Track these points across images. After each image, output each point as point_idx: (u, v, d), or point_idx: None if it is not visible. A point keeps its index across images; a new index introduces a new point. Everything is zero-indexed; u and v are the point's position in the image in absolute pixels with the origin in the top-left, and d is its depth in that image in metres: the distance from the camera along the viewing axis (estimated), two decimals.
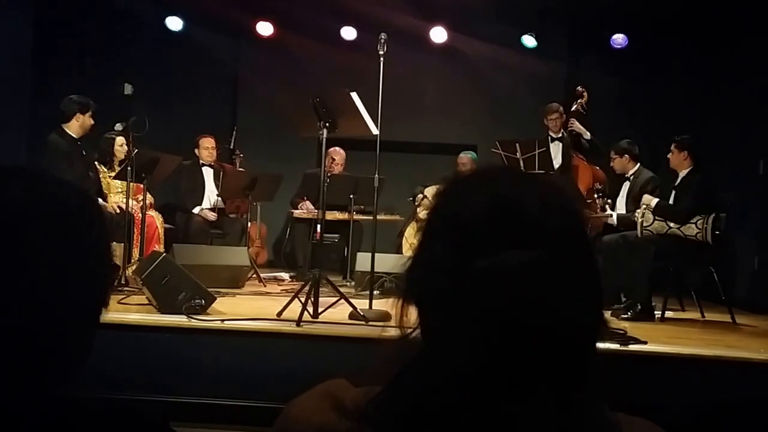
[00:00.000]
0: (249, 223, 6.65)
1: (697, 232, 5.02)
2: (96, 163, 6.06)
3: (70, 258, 0.83)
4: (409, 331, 0.79)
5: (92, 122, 5.72)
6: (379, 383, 0.78)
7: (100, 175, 6.02)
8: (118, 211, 5.71)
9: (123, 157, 5.95)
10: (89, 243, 0.86)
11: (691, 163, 5.25)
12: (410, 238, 7.37)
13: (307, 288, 4.16)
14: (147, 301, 4.34)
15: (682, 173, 5.29)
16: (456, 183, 0.83)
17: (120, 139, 5.97)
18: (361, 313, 4.10)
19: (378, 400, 0.77)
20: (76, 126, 5.65)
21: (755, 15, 6.42)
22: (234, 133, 7.50)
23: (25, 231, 0.81)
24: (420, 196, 7.08)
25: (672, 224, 5.10)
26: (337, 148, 6.82)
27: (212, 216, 6.56)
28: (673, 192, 5.29)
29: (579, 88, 6.40)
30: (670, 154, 5.31)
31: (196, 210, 6.58)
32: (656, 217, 5.15)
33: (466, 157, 7.06)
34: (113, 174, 5.94)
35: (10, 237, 0.80)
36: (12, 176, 0.84)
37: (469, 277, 0.74)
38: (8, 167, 0.85)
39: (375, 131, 4.36)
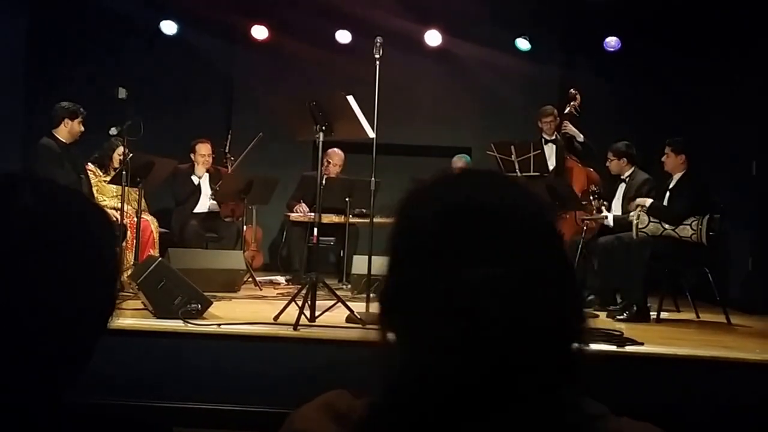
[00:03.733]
0: (245, 227, 6.65)
1: (692, 234, 5.04)
2: (91, 165, 6.05)
3: (80, 264, 0.83)
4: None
5: (81, 129, 5.77)
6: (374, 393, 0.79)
7: (92, 180, 6.00)
8: (115, 219, 5.68)
9: (118, 164, 5.97)
10: (98, 249, 0.86)
11: (687, 166, 5.27)
12: None
13: (303, 291, 4.17)
14: (143, 306, 4.33)
15: (677, 175, 5.31)
16: (411, 199, 0.81)
17: (121, 149, 5.97)
18: (358, 317, 4.10)
19: (372, 412, 0.78)
20: (64, 131, 5.71)
21: (748, 17, 6.45)
22: (229, 136, 7.49)
23: (37, 238, 0.81)
24: None
25: (667, 225, 5.12)
26: (335, 150, 6.81)
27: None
28: (668, 194, 5.31)
29: (572, 90, 6.42)
30: (665, 156, 5.32)
31: (196, 209, 6.58)
32: (651, 218, 5.17)
33: (460, 161, 7.07)
34: (108, 178, 5.93)
35: (22, 243, 0.81)
36: (23, 183, 0.84)
37: (435, 297, 0.74)
38: (19, 174, 0.86)
39: (371, 134, 4.36)
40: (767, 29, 6.30)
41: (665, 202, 5.28)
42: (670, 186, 5.33)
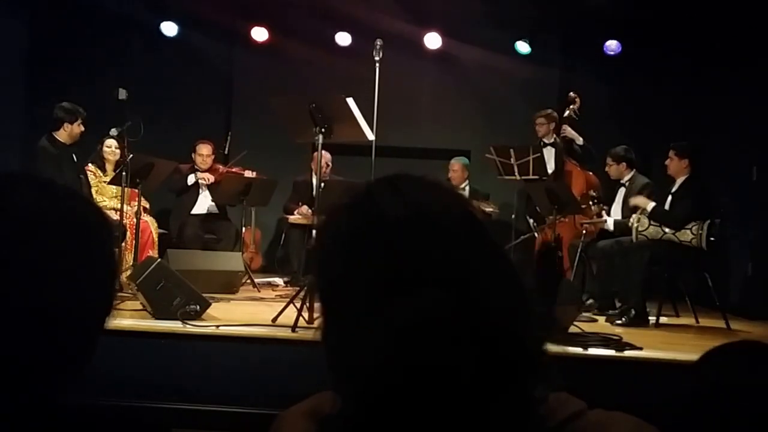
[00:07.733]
0: (243, 228, 6.65)
1: (692, 238, 5.03)
2: (91, 166, 6.05)
3: (78, 264, 0.83)
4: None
5: (81, 130, 5.78)
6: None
7: (92, 180, 6.00)
8: (114, 220, 5.68)
9: (114, 159, 6.00)
10: (96, 249, 0.86)
11: (690, 170, 5.26)
12: None
13: (302, 293, 4.16)
14: (141, 307, 4.33)
15: (680, 180, 5.30)
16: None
17: (109, 142, 5.97)
18: None
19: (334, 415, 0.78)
20: (64, 134, 5.72)
21: (748, 22, 6.45)
22: (228, 138, 7.49)
23: (35, 238, 0.81)
24: None
25: (667, 230, 5.11)
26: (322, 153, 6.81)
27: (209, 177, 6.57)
28: (670, 198, 5.29)
29: (571, 93, 6.42)
30: (669, 160, 5.30)
31: (195, 210, 6.56)
32: (651, 222, 5.16)
33: (457, 164, 7.07)
34: (108, 179, 5.93)
35: (20, 243, 0.80)
36: (22, 183, 0.84)
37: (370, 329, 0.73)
38: (17, 174, 0.85)
39: (371, 137, 4.36)
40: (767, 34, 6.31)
41: (667, 207, 5.27)
42: (673, 190, 5.31)
